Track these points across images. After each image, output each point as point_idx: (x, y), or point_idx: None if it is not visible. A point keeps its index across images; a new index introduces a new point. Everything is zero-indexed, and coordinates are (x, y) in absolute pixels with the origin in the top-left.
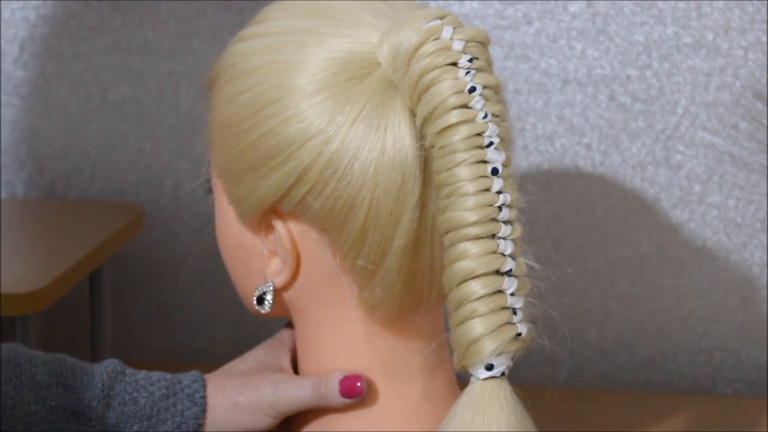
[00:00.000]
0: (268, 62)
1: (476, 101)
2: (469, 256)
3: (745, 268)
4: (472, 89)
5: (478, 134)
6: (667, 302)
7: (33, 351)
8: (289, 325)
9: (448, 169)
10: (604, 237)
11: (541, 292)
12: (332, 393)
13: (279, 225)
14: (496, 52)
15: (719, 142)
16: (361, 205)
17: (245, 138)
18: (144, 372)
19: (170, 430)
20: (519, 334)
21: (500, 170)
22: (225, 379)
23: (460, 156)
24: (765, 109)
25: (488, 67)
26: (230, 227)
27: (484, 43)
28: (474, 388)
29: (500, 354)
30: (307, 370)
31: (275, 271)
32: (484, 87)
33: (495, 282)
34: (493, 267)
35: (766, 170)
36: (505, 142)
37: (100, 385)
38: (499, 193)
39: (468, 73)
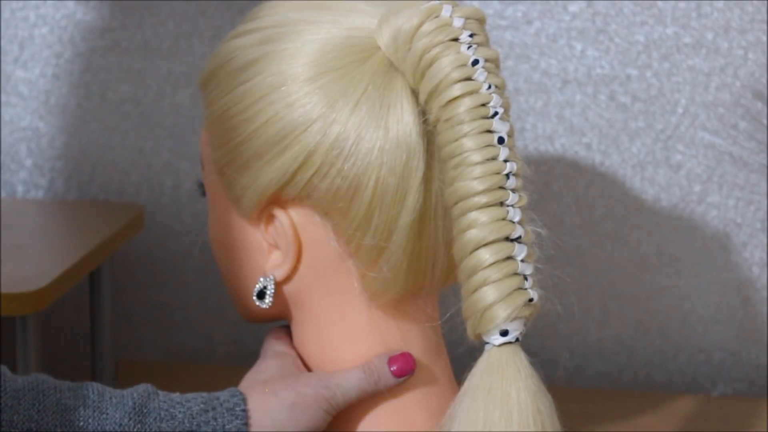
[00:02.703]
0: (268, 52)
1: (479, 73)
2: (479, 224)
3: (745, 268)
4: (475, 62)
5: (483, 105)
6: (667, 302)
7: (59, 381)
8: (277, 334)
9: (456, 140)
10: (604, 237)
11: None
12: (385, 376)
13: (281, 214)
14: None
15: (719, 142)
16: (367, 185)
17: (248, 126)
18: (178, 393)
19: None
20: (531, 300)
21: (506, 139)
22: (268, 385)
23: (467, 127)
24: (765, 109)
25: (487, 42)
26: (228, 225)
27: (481, 21)
28: (490, 355)
29: (514, 319)
30: (311, 367)
31: (276, 264)
32: (486, 60)
33: (505, 249)
34: (503, 234)
35: (766, 170)
36: (508, 113)
37: (131, 403)
38: (506, 161)
39: (470, 47)
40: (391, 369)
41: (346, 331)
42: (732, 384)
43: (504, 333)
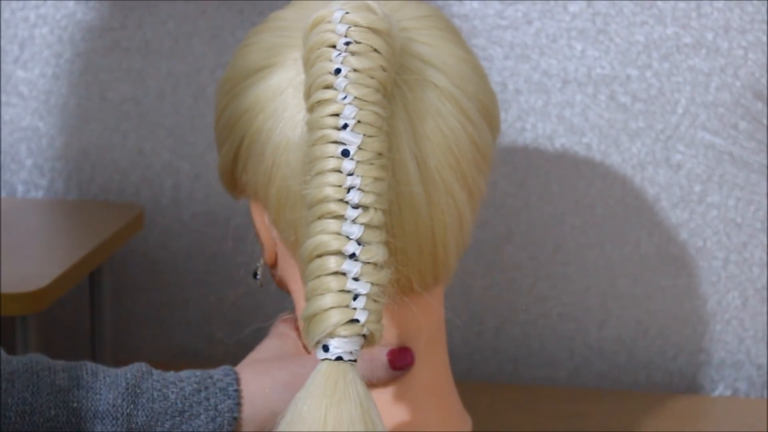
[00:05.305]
0: (238, 48)
1: (339, 82)
2: (316, 233)
3: (745, 268)
4: (337, 71)
5: (334, 115)
6: (667, 302)
7: (54, 361)
8: (285, 316)
9: (309, 146)
10: (604, 237)
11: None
12: (380, 366)
13: (251, 202)
14: (496, 52)
15: (719, 142)
16: (273, 182)
17: (215, 116)
18: (172, 371)
19: (204, 425)
20: (356, 320)
21: (352, 152)
22: (262, 365)
23: (317, 134)
24: (765, 109)
25: (369, 53)
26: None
27: (374, 30)
28: (316, 368)
29: (332, 335)
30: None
31: (264, 249)
32: (354, 70)
33: (336, 263)
34: (335, 248)
35: (766, 170)
36: (370, 127)
37: (124, 383)
38: (349, 175)
39: (339, 55)
40: (388, 360)
41: None
42: (732, 384)
43: (326, 348)
